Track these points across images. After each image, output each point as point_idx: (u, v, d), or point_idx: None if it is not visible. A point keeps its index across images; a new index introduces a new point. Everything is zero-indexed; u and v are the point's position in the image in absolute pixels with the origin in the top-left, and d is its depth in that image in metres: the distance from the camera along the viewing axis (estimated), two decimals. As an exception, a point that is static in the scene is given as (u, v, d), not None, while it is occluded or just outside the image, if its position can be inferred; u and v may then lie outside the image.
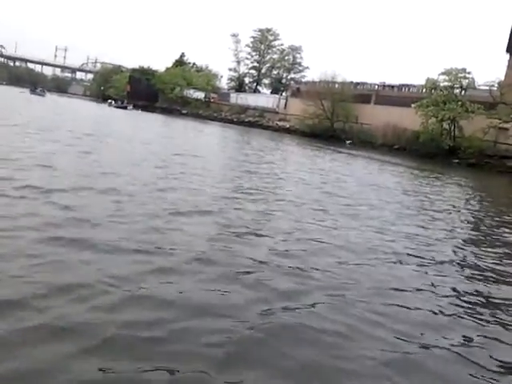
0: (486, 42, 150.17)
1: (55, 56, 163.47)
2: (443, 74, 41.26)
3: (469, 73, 40.13)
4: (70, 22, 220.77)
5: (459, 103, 38.58)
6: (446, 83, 40.96)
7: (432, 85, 41.62)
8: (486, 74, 73.48)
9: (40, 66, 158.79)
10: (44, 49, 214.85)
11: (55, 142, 14.82)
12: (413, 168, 29.34)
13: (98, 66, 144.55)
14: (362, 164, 26.71)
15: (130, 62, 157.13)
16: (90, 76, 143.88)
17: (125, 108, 65.52)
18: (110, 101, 72.44)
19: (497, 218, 12.41)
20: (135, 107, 68.14)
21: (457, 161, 37.21)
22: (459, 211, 12.81)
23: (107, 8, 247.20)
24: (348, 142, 47.59)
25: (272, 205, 9.38)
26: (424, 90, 44.46)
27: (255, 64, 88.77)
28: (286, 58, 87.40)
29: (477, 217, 12.40)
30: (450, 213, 12.21)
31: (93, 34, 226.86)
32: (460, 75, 40.44)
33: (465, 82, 40.51)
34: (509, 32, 42.75)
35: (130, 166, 11.93)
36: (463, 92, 40.59)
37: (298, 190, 12.01)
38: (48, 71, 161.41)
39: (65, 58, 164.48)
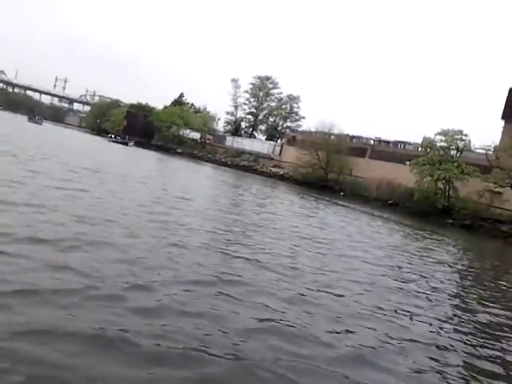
0: (482, 106, 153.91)
1: (54, 86, 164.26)
2: (440, 134, 41.68)
3: (465, 135, 40.58)
4: (70, 53, 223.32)
5: (455, 164, 38.77)
6: (442, 143, 41.31)
7: (428, 144, 41.94)
8: (482, 137, 74.93)
9: (38, 94, 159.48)
10: (43, 78, 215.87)
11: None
12: (412, 227, 29.04)
13: (96, 98, 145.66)
14: (366, 220, 26.32)
15: (128, 98, 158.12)
16: (87, 108, 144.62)
17: (126, 144, 65.15)
18: (110, 135, 72.09)
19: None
20: (136, 144, 67.57)
21: (451, 221, 36.96)
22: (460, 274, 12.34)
23: (106, 44, 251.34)
24: (342, 193, 47.43)
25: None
26: (420, 149, 44.82)
27: (253, 110, 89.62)
28: (284, 106, 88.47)
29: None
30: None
31: (93, 67, 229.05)
32: (456, 137, 40.86)
33: (461, 144, 40.87)
34: (504, 99, 43.58)
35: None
36: (459, 153, 40.86)
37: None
38: (46, 100, 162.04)
39: (64, 88, 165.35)
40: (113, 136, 70.12)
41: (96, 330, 4.38)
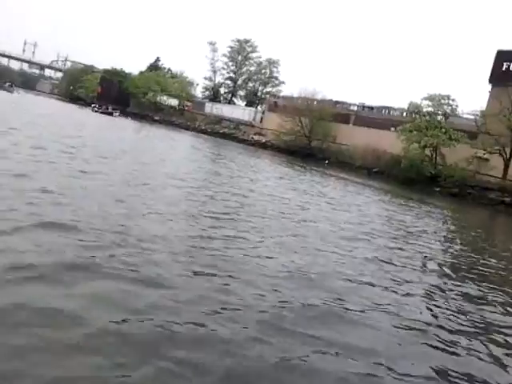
0: (469, 69, 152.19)
1: (23, 51, 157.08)
2: (426, 98, 40.61)
3: (453, 100, 39.59)
4: (41, 16, 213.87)
5: (442, 130, 37.87)
6: (429, 109, 40.26)
7: (415, 109, 40.86)
8: (469, 102, 74.05)
9: (7, 59, 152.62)
10: (12, 42, 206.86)
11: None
12: (399, 196, 28.22)
13: (69, 64, 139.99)
14: (355, 190, 25.27)
15: (102, 63, 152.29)
16: (59, 74, 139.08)
17: (110, 114, 60.42)
18: (93, 105, 66.88)
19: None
20: (124, 114, 64.25)
21: (438, 189, 36.32)
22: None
23: (81, 5, 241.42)
24: (326, 161, 46.37)
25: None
26: (406, 114, 43.79)
27: (231, 75, 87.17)
28: (263, 71, 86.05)
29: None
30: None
31: (64, 30, 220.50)
32: (443, 101, 39.85)
33: (448, 109, 39.89)
34: (492, 62, 42.51)
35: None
36: (446, 119, 39.90)
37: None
38: (15, 66, 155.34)
39: (34, 53, 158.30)
40: (97, 106, 65.25)
41: None
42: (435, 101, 39.98)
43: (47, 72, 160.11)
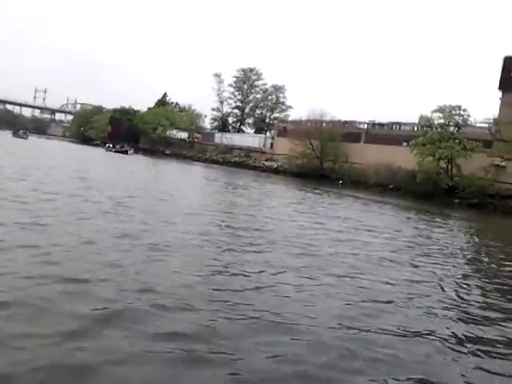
0: (478, 78, 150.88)
1: (34, 98, 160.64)
2: (437, 111, 40.20)
3: (464, 110, 39.09)
4: (49, 63, 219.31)
5: (456, 141, 37.28)
6: (440, 121, 39.80)
7: (426, 122, 40.41)
8: (481, 111, 73.10)
9: (19, 107, 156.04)
10: (23, 91, 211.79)
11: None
12: (419, 211, 27.62)
13: (78, 107, 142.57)
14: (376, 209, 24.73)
15: (111, 103, 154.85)
16: (70, 117, 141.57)
17: (125, 153, 58.71)
18: (107, 145, 66.31)
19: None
20: (136, 151, 63.54)
21: (457, 201, 35.58)
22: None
23: (86, 48, 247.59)
24: (340, 182, 45.89)
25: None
26: (417, 128, 43.34)
27: (238, 104, 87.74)
28: (269, 97, 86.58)
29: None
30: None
31: (73, 74, 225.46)
32: (454, 112, 39.40)
33: (460, 119, 39.38)
34: (500, 69, 42.13)
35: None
36: (458, 129, 39.35)
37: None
38: (27, 113, 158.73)
39: (44, 99, 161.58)
40: (111, 145, 64.55)
41: None
42: (446, 112, 39.55)
43: (58, 116, 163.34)
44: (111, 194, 15.42)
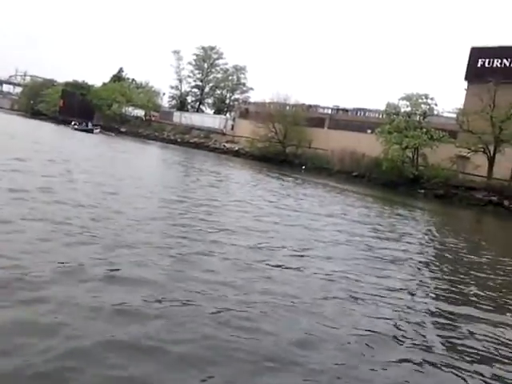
0: (444, 68, 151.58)
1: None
2: (404, 99, 39.42)
3: (431, 99, 38.45)
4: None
5: (423, 130, 36.59)
6: (407, 109, 39.03)
7: (392, 110, 39.55)
8: (447, 101, 73.11)
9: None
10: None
11: None
12: (383, 200, 26.74)
13: (28, 79, 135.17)
14: (341, 198, 23.51)
15: (63, 76, 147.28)
16: (19, 89, 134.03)
17: (90, 132, 54.45)
18: (73, 123, 60.49)
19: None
20: (104, 130, 59.31)
21: (422, 191, 35.05)
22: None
23: (39, 17, 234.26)
24: (302, 167, 44.69)
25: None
26: (383, 116, 42.50)
27: (198, 83, 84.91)
28: (230, 77, 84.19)
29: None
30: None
31: (22, 45, 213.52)
32: (421, 101, 38.66)
33: (426, 108, 38.70)
34: (467, 59, 41.77)
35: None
36: (425, 118, 38.67)
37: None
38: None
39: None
40: (77, 124, 59.24)
41: None
42: (413, 100, 38.80)
43: (5, 87, 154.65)
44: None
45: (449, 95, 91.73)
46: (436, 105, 38.55)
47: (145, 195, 12.61)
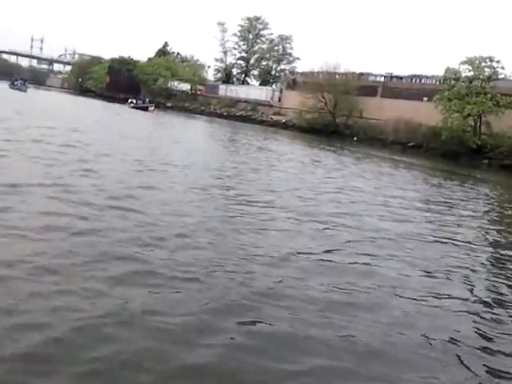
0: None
1: (31, 47, 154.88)
2: (465, 63, 36.36)
3: (497, 61, 35.13)
4: (47, 11, 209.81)
5: (488, 96, 33.68)
6: (468, 73, 36.03)
7: (453, 75, 36.62)
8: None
9: (16, 56, 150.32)
10: (19, 39, 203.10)
11: None
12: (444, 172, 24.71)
13: (76, 57, 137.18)
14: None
15: (110, 52, 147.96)
16: (69, 68, 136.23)
17: (145, 109, 49.39)
18: (130, 101, 56.03)
19: None
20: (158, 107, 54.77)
21: (486, 161, 32.49)
22: None
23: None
24: (354, 138, 42.69)
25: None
26: (440, 82, 39.61)
27: (243, 54, 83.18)
28: (276, 48, 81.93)
29: None
30: None
31: (70, 24, 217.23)
32: (485, 64, 35.52)
33: (491, 72, 35.52)
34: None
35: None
36: (489, 83, 35.49)
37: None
38: (24, 62, 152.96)
39: (41, 49, 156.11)
40: (133, 102, 54.51)
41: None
42: (475, 64, 35.69)
43: (56, 66, 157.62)
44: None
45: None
46: (503, 68, 35.20)
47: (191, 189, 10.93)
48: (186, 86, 73.49)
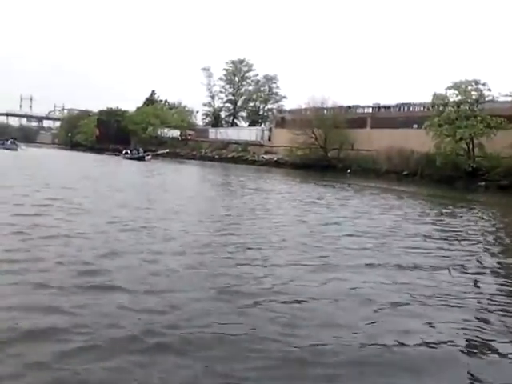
0: (496, 50, 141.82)
1: (20, 106, 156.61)
2: (451, 88, 36.49)
3: (483, 84, 35.30)
4: (34, 71, 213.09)
5: (478, 118, 33.66)
6: (456, 98, 36.14)
7: (440, 101, 36.75)
8: (500, 84, 67.47)
9: (5, 117, 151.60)
10: (8, 100, 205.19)
11: None
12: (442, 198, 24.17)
13: (66, 112, 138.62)
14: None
15: (99, 105, 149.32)
16: (58, 124, 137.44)
17: (142, 159, 47.67)
18: (124, 151, 54.83)
19: None
20: (156, 155, 52.75)
21: (483, 183, 32.10)
22: None
23: (71, 53, 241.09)
24: (348, 171, 42.46)
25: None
26: (428, 108, 39.76)
27: (230, 97, 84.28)
28: (262, 88, 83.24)
29: None
30: None
31: (58, 80, 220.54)
32: (471, 87, 35.70)
33: (478, 95, 35.64)
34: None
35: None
36: (477, 106, 35.58)
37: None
38: (14, 122, 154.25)
39: (31, 107, 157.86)
40: (128, 152, 52.99)
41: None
42: (462, 88, 35.85)
43: (46, 123, 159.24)
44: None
45: (505, 77, 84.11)
46: (490, 90, 35.33)
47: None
48: (176, 132, 73.91)
